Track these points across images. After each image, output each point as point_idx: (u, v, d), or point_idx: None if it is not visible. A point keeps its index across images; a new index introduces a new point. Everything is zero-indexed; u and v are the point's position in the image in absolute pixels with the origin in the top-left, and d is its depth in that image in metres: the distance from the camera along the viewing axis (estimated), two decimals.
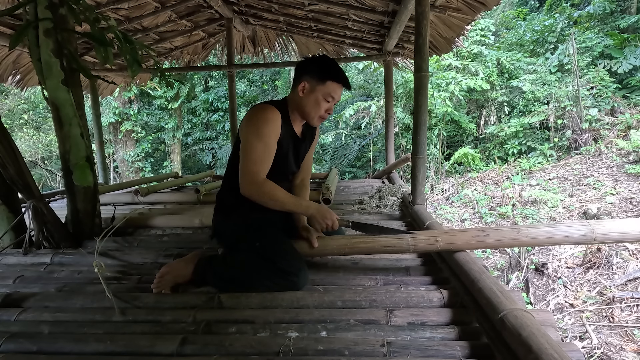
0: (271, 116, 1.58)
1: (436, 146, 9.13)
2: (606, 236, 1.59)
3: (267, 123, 1.57)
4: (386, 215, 2.76)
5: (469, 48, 9.40)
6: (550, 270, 3.93)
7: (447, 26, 3.81)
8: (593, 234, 1.56)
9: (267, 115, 1.58)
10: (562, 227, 1.61)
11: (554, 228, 1.61)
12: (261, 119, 1.57)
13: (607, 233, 1.57)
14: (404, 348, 1.12)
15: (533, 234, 1.59)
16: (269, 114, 1.58)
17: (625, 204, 4.88)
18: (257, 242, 1.59)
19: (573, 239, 1.61)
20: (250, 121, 1.59)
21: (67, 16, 2.12)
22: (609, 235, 1.58)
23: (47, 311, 1.43)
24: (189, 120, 11.96)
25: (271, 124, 1.57)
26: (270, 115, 1.58)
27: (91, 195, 2.25)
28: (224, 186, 1.77)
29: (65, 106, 2.10)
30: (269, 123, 1.57)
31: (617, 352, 2.80)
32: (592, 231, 1.56)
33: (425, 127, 2.53)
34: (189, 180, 5.17)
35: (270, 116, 1.58)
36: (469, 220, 5.96)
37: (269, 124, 1.57)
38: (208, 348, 1.16)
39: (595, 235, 1.57)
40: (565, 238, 1.61)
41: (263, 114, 1.58)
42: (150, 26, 4.69)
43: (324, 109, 1.63)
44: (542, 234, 1.60)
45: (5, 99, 10.55)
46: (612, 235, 1.58)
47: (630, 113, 7.36)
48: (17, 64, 4.45)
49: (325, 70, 1.61)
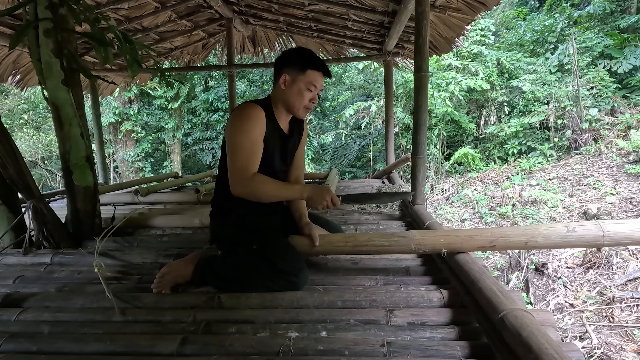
0: (254, 113, 1.57)
1: (436, 146, 9.13)
2: (615, 239, 1.49)
3: (249, 119, 1.56)
4: (386, 215, 2.76)
5: (469, 48, 9.40)
6: (550, 270, 3.93)
7: (447, 26, 3.81)
8: (603, 237, 1.47)
9: (249, 112, 1.57)
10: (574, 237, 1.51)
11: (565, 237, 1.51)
12: (244, 117, 1.57)
13: (616, 234, 1.48)
14: (404, 348, 1.12)
15: (540, 243, 1.53)
16: (251, 111, 1.58)
17: (625, 204, 4.88)
18: (254, 245, 1.59)
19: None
20: (234, 121, 1.58)
21: (67, 16, 2.11)
22: (617, 238, 1.49)
23: (47, 311, 1.43)
24: (189, 120, 11.96)
25: (254, 120, 1.56)
26: (252, 112, 1.57)
27: (91, 195, 2.25)
28: (217, 190, 1.76)
29: (65, 106, 2.09)
30: (252, 119, 1.56)
31: (617, 352, 2.80)
32: (602, 234, 1.47)
33: (425, 127, 2.53)
34: (189, 180, 5.17)
35: (253, 113, 1.57)
36: (469, 220, 5.96)
37: (251, 120, 1.56)
38: (208, 348, 1.16)
39: (605, 239, 1.47)
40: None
41: (245, 111, 1.58)
42: (150, 26, 4.69)
43: (307, 98, 1.62)
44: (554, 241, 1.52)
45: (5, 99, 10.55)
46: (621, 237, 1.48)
47: (630, 113, 7.36)
48: (17, 64, 4.45)
49: (305, 59, 1.60)
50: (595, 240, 1.50)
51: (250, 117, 1.57)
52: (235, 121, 1.58)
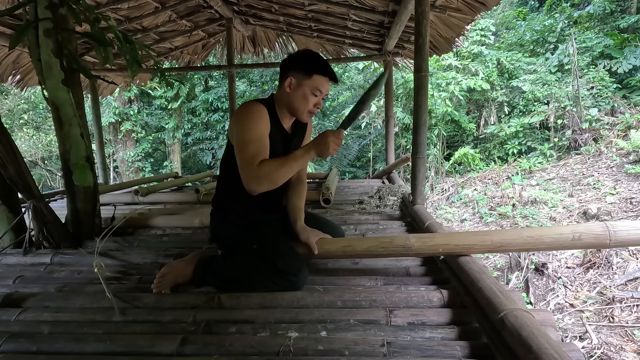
0: (258, 110, 1.57)
1: (436, 146, 9.13)
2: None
3: (254, 116, 1.56)
4: (386, 215, 2.76)
5: (469, 48, 9.40)
6: (550, 270, 3.93)
7: (447, 26, 3.81)
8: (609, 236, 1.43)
9: (253, 109, 1.57)
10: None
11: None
12: (248, 114, 1.57)
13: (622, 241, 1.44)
14: (404, 348, 1.12)
15: (544, 247, 1.50)
16: (255, 108, 1.57)
17: (625, 204, 4.88)
18: (255, 244, 1.59)
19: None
20: (238, 120, 1.58)
21: (67, 16, 2.11)
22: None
23: (47, 311, 1.43)
24: (189, 120, 11.96)
25: (259, 117, 1.56)
26: (256, 109, 1.57)
27: (91, 195, 2.25)
28: (218, 189, 1.76)
29: (65, 106, 2.09)
30: (256, 116, 1.56)
31: (617, 352, 2.80)
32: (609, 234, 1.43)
33: (425, 127, 2.53)
34: (189, 180, 5.17)
35: (257, 110, 1.57)
36: (469, 220, 5.96)
37: (256, 116, 1.56)
38: (208, 348, 1.16)
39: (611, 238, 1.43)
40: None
41: (249, 109, 1.58)
42: (150, 26, 4.69)
43: (312, 103, 1.61)
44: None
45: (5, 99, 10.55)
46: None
47: (630, 113, 7.36)
48: (17, 64, 4.45)
49: (311, 64, 1.59)
50: (602, 243, 1.46)
51: (255, 114, 1.56)
52: (240, 119, 1.57)
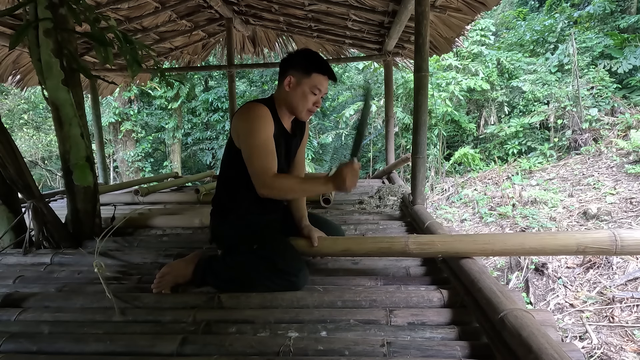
0: (262, 112, 1.57)
1: (436, 146, 9.14)
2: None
3: (259, 119, 1.56)
4: (386, 215, 2.76)
5: (469, 48, 9.40)
6: (550, 270, 3.93)
7: (447, 26, 3.81)
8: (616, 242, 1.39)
9: (257, 112, 1.57)
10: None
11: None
12: (253, 117, 1.57)
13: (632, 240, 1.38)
14: (404, 348, 1.12)
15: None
16: (258, 110, 1.58)
17: (625, 204, 4.87)
18: (255, 244, 1.59)
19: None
20: (244, 122, 1.58)
21: (67, 16, 2.11)
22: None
23: (47, 311, 1.43)
24: (189, 120, 11.96)
25: (264, 120, 1.57)
26: (260, 111, 1.57)
27: (91, 195, 2.25)
28: (219, 189, 1.76)
29: (65, 106, 2.09)
30: (261, 119, 1.56)
31: (617, 352, 2.80)
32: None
33: (425, 127, 2.53)
34: (189, 180, 5.17)
35: (261, 112, 1.57)
36: (469, 220, 5.96)
37: (261, 119, 1.56)
38: (208, 348, 1.16)
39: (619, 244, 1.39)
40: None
41: (253, 112, 1.58)
42: (150, 26, 4.69)
43: (311, 102, 1.62)
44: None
45: (5, 99, 10.55)
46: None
47: (630, 113, 7.36)
48: (17, 64, 4.45)
49: (310, 62, 1.60)
50: (608, 252, 1.42)
51: (259, 116, 1.56)
52: (245, 123, 1.57)
